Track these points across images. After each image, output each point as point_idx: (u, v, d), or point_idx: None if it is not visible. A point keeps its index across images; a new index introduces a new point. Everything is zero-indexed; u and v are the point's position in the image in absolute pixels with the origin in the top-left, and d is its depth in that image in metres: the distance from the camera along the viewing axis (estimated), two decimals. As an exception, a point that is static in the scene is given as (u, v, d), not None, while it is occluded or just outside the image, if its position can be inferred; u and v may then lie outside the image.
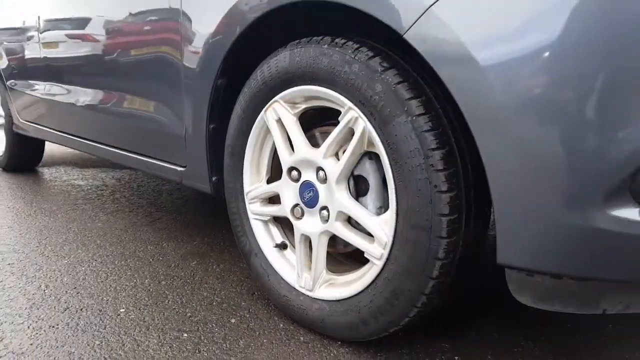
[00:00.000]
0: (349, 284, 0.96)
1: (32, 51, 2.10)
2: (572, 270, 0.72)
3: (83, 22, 1.65)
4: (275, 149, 1.06)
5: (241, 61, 1.10)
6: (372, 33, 0.89)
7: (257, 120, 1.06)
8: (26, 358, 0.94)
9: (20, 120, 2.44)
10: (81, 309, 1.13)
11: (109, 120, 1.61)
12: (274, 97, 1.01)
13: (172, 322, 1.07)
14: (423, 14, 0.72)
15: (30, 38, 2.10)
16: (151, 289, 1.24)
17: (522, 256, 0.72)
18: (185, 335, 1.02)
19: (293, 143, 1.01)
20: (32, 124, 2.34)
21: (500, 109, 0.68)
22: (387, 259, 0.85)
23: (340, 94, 0.88)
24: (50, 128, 2.16)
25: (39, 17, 2.00)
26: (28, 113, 2.34)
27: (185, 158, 1.31)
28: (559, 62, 0.64)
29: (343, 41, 0.87)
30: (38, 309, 1.14)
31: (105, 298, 1.19)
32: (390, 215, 0.84)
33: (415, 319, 0.87)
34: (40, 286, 1.26)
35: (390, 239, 0.84)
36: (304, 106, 0.99)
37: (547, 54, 0.64)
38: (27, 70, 2.21)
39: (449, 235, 0.78)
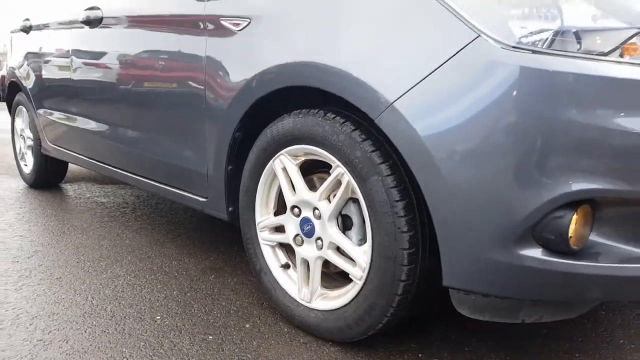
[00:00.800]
0: (338, 298, 1.24)
1: (64, 80, 2.37)
2: (496, 291, 1.00)
3: (116, 58, 1.93)
4: (281, 189, 1.34)
5: (255, 119, 1.38)
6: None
7: (266, 167, 1.35)
8: (89, 356, 1.22)
9: (49, 144, 2.72)
10: (124, 317, 1.42)
11: (138, 153, 1.90)
12: (280, 151, 1.29)
13: (199, 327, 1.35)
14: (388, 107, 1.00)
15: (62, 67, 2.37)
16: (179, 300, 1.52)
17: (460, 280, 1.01)
18: (211, 337, 1.30)
19: (295, 186, 1.29)
20: (60, 148, 2.63)
21: (439, 174, 0.96)
22: (366, 280, 1.14)
23: (331, 154, 1.16)
24: (78, 153, 2.44)
25: (71, 49, 2.26)
26: (56, 138, 2.62)
27: (206, 191, 1.59)
28: (475, 140, 0.92)
29: (333, 116, 1.15)
30: (89, 316, 1.42)
31: (142, 307, 1.47)
32: (367, 247, 1.12)
33: (387, 325, 1.15)
34: (87, 297, 1.55)
35: (368, 265, 1.13)
36: (303, 158, 1.27)
37: (462, 134, 0.93)
38: (58, 98, 2.49)
39: (409, 264, 1.06)
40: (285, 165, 1.30)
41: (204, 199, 1.62)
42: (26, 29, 2.79)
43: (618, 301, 1.54)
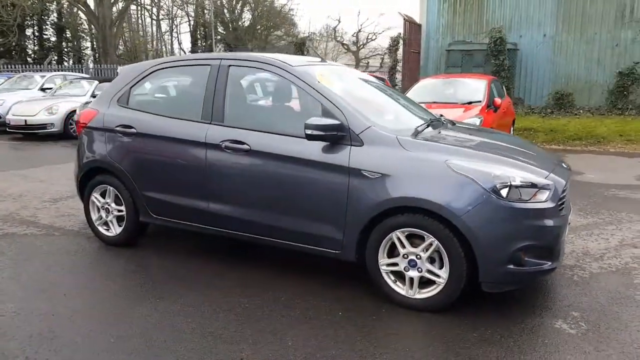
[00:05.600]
0: (427, 293, 3.09)
1: (193, 177, 3.75)
2: (500, 280, 2.97)
3: (268, 176, 3.47)
4: (390, 244, 3.14)
5: (379, 215, 3.15)
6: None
7: (387, 237, 3.13)
8: (302, 325, 2.88)
9: (153, 215, 4.04)
10: (326, 318, 3.07)
11: (280, 226, 3.47)
12: (395, 230, 3.09)
13: (366, 312, 3.07)
14: (460, 217, 2.89)
15: (192, 168, 3.70)
16: (349, 298, 3.20)
17: (486, 277, 2.95)
18: (374, 317, 3.04)
19: (404, 245, 3.10)
20: (167, 219, 3.98)
21: (477, 240, 2.88)
22: (446, 283, 3.01)
23: (428, 233, 3.01)
24: (193, 223, 3.86)
25: (209, 159, 3.66)
26: (166, 212, 3.96)
27: (339, 248, 3.29)
28: (494, 230, 2.87)
29: (427, 217, 3.00)
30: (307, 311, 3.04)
31: (325, 311, 3.13)
32: (446, 269, 3.00)
33: (455, 301, 3.03)
34: (295, 309, 3.14)
35: (447, 276, 3.00)
36: (407, 233, 3.09)
37: (488, 228, 2.87)
38: (178, 187, 3.85)
39: (466, 276, 2.96)
40: (399, 236, 3.10)
41: (337, 252, 3.32)
42: (127, 133, 4.03)
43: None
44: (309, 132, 3.15)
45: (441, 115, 4.20)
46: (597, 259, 4.05)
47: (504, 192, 2.89)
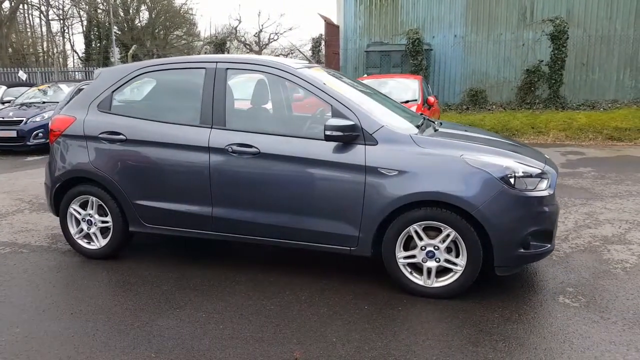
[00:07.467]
0: (443, 281, 3.32)
1: (195, 182, 3.67)
2: (512, 264, 3.27)
3: (277, 178, 3.51)
4: (409, 236, 3.33)
5: (396, 211, 3.33)
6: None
7: (404, 231, 3.31)
8: (335, 316, 3.02)
9: (145, 224, 3.90)
10: (345, 309, 3.19)
11: (292, 227, 3.52)
12: (413, 224, 3.28)
13: (389, 303, 3.24)
14: (476, 209, 3.15)
15: (193, 174, 3.64)
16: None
17: (501, 262, 3.24)
18: (399, 308, 3.21)
19: (421, 237, 3.31)
20: (159, 227, 3.87)
21: (492, 226, 3.16)
22: (463, 270, 3.26)
23: (446, 224, 3.23)
24: (190, 229, 3.79)
25: (212, 164, 3.64)
26: (160, 220, 3.85)
27: (355, 244, 3.42)
28: (505, 216, 3.17)
29: (445, 210, 3.22)
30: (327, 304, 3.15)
31: (341, 300, 3.25)
32: (463, 257, 3.25)
33: (469, 286, 3.29)
34: (319, 305, 3.23)
35: (464, 264, 3.25)
36: (424, 225, 3.30)
37: (502, 215, 3.17)
38: (176, 195, 3.76)
39: (481, 261, 3.23)
40: (417, 229, 3.30)
41: (353, 248, 3.45)
42: (113, 140, 3.86)
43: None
44: (328, 133, 3.26)
45: (421, 113, 4.47)
46: (564, 240, 4.54)
47: (513, 182, 3.19)
